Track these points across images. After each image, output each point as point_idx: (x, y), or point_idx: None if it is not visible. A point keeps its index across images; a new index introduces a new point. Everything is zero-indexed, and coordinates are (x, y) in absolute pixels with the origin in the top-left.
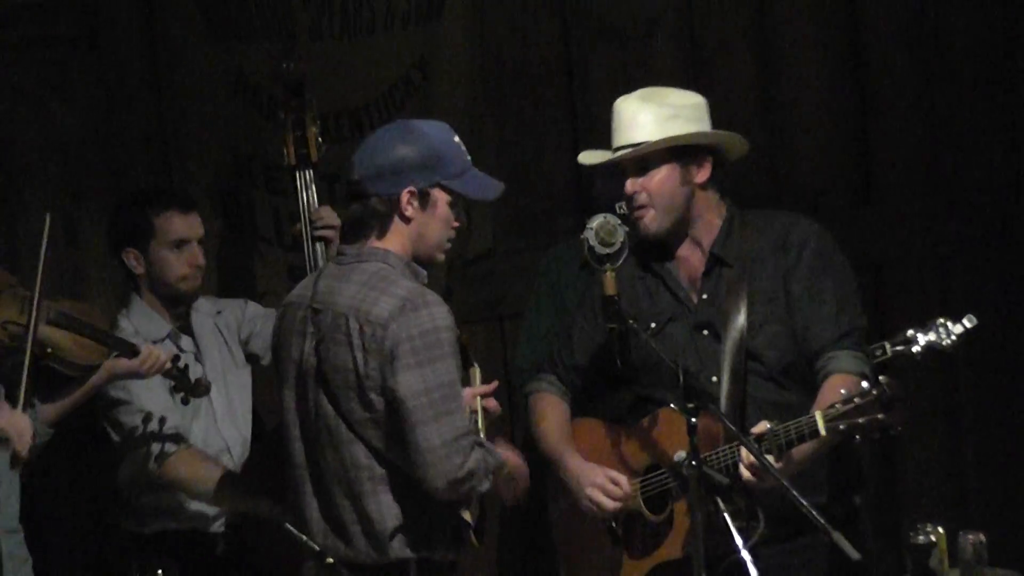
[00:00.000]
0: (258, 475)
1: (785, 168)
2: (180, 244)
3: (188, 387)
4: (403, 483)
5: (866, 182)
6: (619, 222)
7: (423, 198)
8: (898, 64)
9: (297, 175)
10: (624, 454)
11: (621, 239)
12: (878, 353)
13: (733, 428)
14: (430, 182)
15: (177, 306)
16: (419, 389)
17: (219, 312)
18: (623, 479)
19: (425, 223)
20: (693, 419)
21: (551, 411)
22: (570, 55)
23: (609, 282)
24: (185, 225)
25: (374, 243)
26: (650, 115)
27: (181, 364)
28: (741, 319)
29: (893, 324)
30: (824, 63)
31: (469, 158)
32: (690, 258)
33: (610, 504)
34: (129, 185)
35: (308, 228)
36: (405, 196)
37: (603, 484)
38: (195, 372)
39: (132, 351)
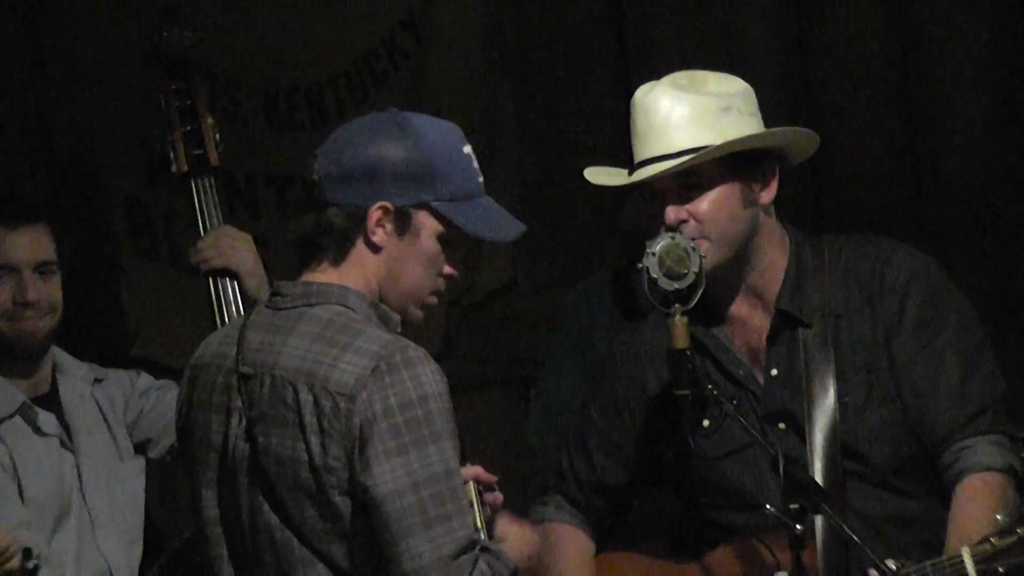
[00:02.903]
0: None
1: (930, 166)
2: (2, 272)
3: None
4: None
5: None
6: (692, 244)
7: (400, 220)
8: None
9: (193, 185)
10: None
11: (696, 269)
12: None
13: (856, 539)
14: (414, 200)
15: (14, 362)
16: (403, 485)
17: (99, 381)
18: None
19: (399, 257)
20: (799, 526)
21: (565, 554)
22: (622, 8)
23: (680, 331)
24: (11, 245)
25: (328, 275)
26: (691, 109)
27: (30, 564)
28: (830, 402)
29: None
30: (980, 17)
31: (481, 180)
32: (748, 319)
33: None
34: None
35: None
36: (375, 212)
37: None
38: (65, 483)
39: None
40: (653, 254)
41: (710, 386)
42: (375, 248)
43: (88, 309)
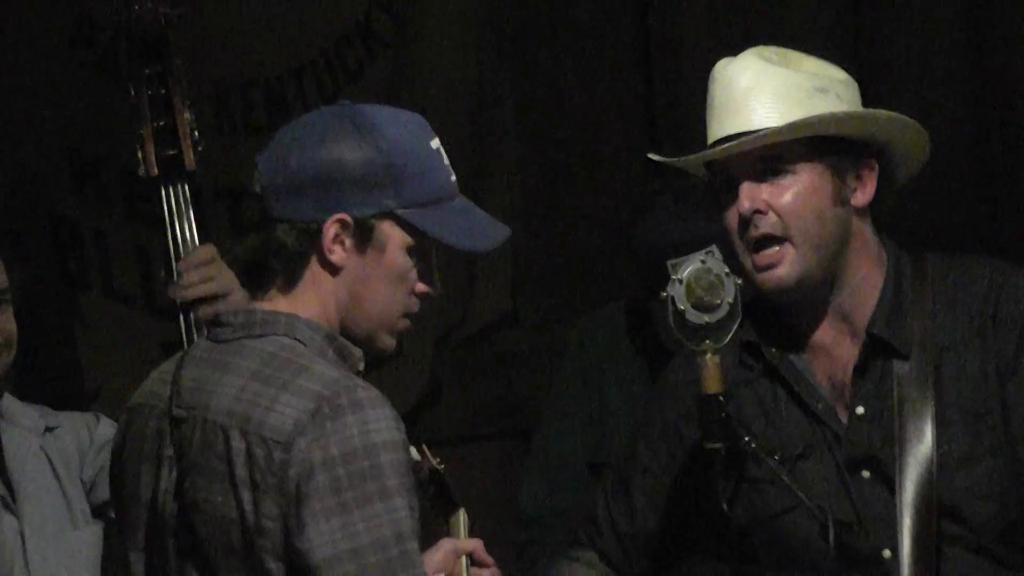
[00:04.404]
0: None
1: (1007, 177)
2: None
3: None
4: None
5: None
6: (726, 269)
7: (361, 233)
8: None
9: (163, 192)
10: None
11: (731, 299)
12: None
13: None
14: (376, 208)
15: None
16: (343, 551)
17: (50, 430)
18: None
19: (363, 277)
20: None
21: None
22: None
23: (711, 372)
24: None
25: (277, 303)
26: (780, 84)
27: None
28: (927, 450)
29: None
30: None
31: (454, 179)
32: (833, 346)
33: None
34: None
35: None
36: (332, 227)
37: None
38: (6, 552)
39: None
40: (680, 281)
41: (747, 438)
42: (334, 268)
43: (32, 345)
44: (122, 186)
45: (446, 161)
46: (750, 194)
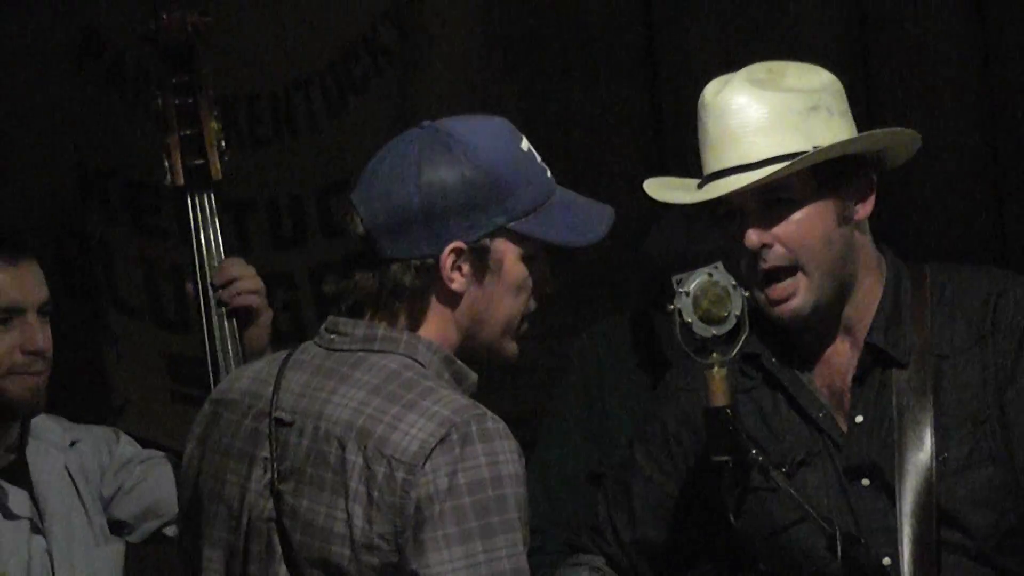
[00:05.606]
0: None
1: (1015, 184)
2: (5, 317)
3: None
4: None
5: None
6: (732, 282)
7: (478, 257)
8: None
9: (189, 202)
10: None
11: (738, 312)
12: None
13: None
14: (488, 228)
15: (4, 427)
16: None
17: (73, 444)
18: None
19: (484, 297)
20: None
21: None
22: (651, 1)
23: (718, 385)
24: (13, 285)
25: (395, 327)
26: (772, 109)
27: None
28: (926, 457)
29: None
30: None
31: (549, 173)
32: (833, 355)
33: None
34: None
35: (209, 291)
36: (448, 258)
37: None
38: (34, 573)
39: None
40: (687, 294)
41: (754, 451)
42: (455, 297)
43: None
44: (128, 199)
45: (539, 159)
46: (757, 232)
